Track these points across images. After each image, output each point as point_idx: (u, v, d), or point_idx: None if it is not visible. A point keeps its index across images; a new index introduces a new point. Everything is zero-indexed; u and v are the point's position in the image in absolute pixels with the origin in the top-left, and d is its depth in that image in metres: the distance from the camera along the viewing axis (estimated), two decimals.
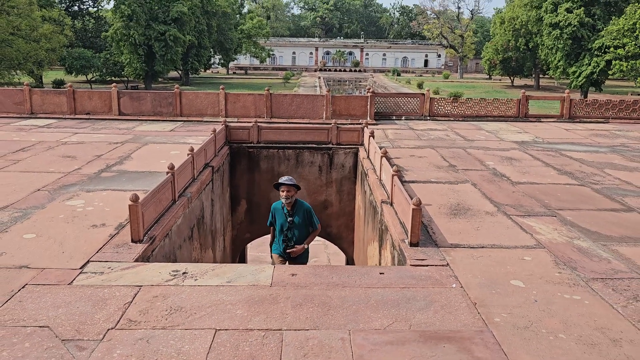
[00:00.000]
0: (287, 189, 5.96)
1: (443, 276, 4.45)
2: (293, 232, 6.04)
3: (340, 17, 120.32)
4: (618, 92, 60.77)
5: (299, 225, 6.06)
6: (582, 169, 8.50)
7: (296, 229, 6.05)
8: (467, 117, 13.67)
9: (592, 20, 51.13)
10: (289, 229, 6.03)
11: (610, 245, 5.19)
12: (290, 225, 6.02)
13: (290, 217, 6.02)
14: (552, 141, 11.05)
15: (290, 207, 6.05)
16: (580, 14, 50.47)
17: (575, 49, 52.50)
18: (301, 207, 6.13)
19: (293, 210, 6.06)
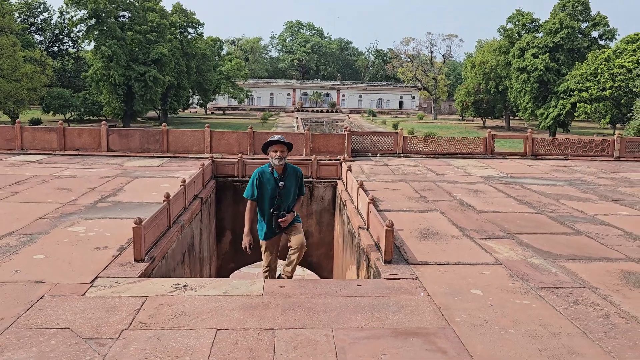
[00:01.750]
0: (281, 149, 5.34)
1: (413, 287, 5.09)
2: (282, 200, 5.46)
3: (317, 59, 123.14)
4: (585, 132, 63.41)
5: (289, 191, 5.50)
6: (540, 199, 9.34)
7: (287, 195, 5.49)
8: (438, 154, 14.61)
9: (557, 65, 53.93)
10: (279, 196, 5.43)
11: (559, 261, 5.92)
12: (280, 191, 5.42)
13: (281, 181, 5.41)
14: (515, 176, 11.98)
15: (281, 170, 5.45)
16: (545, 59, 53.22)
17: (542, 92, 55.07)
18: (293, 170, 5.57)
19: (284, 174, 5.47)
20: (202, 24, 62.75)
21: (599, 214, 8.31)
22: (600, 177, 12.04)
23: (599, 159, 15.02)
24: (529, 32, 58.45)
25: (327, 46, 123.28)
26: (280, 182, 5.43)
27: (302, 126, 61.73)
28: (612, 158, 15.11)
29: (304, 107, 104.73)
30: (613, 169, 13.55)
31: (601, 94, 46.11)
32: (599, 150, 15.15)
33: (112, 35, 43.52)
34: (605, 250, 6.40)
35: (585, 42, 53.58)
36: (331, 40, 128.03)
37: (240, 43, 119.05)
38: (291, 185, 5.52)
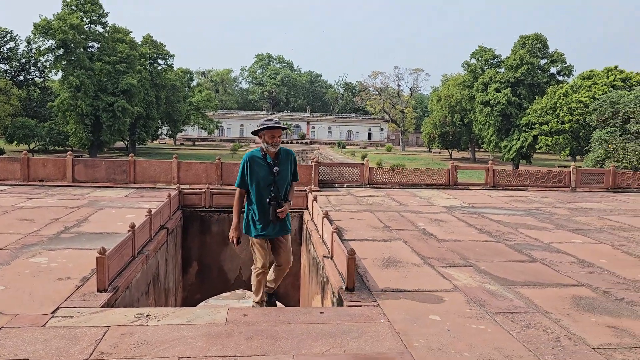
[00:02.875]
0: (279, 134, 4.94)
1: (374, 314, 5.22)
2: (278, 187, 5.02)
3: (287, 91, 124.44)
4: (546, 164, 65.45)
5: (285, 177, 5.09)
6: (499, 228, 9.67)
7: (282, 182, 5.06)
8: (403, 184, 14.96)
9: (519, 99, 55.97)
10: (274, 184, 4.98)
11: (515, 288, 6.16)
12: (275, 178, 4.98)
13: (275, 167, 4.98)
14: (477, 206, 12.36)
15: (273, 155, 5.03)
16: (507, 94, 55.20)
17: (505, 125, 56.91)
18: (285, 153, 5.14)
19: (277, 158, 5.05)
20: (172, 55, 63.09)
21: (554, 242, 8.66)
22: (556, 207, 12.53)
23: (557, 190, 15.61)
24: (491, 67, 60.66)
25: (297, 78, 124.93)
26: (274, 168, 4.96)
27: None
28: (568, 189, 15.73)
29: None
30: (569, 199, 14.10)
31: (560, 127, 47.95)
32: (557, 181, 15.76)
33: (81, 66, 43.29)
34: (559, 276, 6.68)
35: (545, 77, 55.87)
36: (301, 73, 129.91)
37: (211, 75, 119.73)
38: (286, 170, 5.08)
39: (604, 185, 15.93)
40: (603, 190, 15.86)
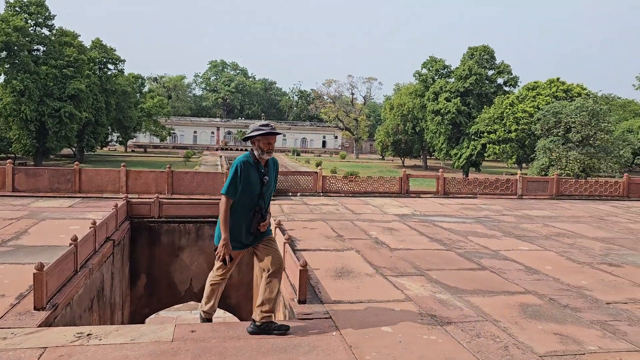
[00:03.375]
0: (274, 141, 4.68)
1: (325, 327, 5.15)
2: (265, 198, 4.73)
3: (242, 98, 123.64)
4: (495, 171, 67.52)
5: (270, 187, 4.84)
6: (450, 236, 9.83)
7: (269, 192, 4.82)
8: (356, 193, 15.03)
9: (468, 108, 57.57)
10: (262, 195, 4.70)
11: (465, 296, 6.23)
12: (263, 188, 4.70)
13: (265, 175, 4.70)
14: (428, 214, 12.54)
15: (264, 162, 4.71)
16: (457, 103, 56.68)
17: (455, 133, 58.39)
18: (273, 162, 4.87)
19: (267, 166, 4.75)
20: (122, 60, 61.57)
21: (502, 249, 8.86)
22: (504, 215, 12.88)
23: (504, 197, 16.07)
24: (441, 77, 62.18)
25: (251, 86, 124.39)
26: (264, 177, 4.68)
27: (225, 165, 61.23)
28: (515, 196, 16.23)
29: (228, 146, 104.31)
30: (516, 206, 14.53)
31: (507, 135, 49.63)
32: (504, 189, 16.24)
33: (25, 69, 41.51)
34: (507, 284, 6.82)
35: (492, 88, 57.75)
36: (255, 80, 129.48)
37: (163, 81, 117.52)
38: (272, 180, 4.82)
39: (549, 193, 16.53)
40: (547, 198, 16.45)
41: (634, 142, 53.72)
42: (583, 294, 6.45)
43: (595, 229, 11.22)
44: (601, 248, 9.23)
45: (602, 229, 11.25)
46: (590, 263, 8.08)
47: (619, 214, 13.98)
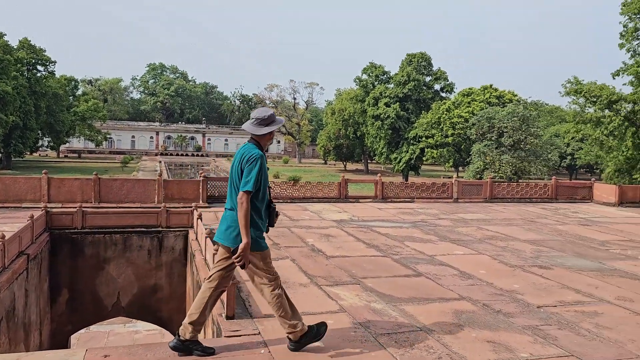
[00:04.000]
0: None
1: (254, 344, 4.85)
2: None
3: (182, 102, 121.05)
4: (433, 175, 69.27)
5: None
6: (387, 242, 9.75)
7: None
8: (295, 198, 14.79)
9: (407, 113, 58.76)
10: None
11: (400, 305, 6.10)
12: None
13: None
14: (366, 219, 12.48)
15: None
16: (396, 108, 57.71)
17: (395, 138, 59.41)
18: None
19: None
20: (53, 61, 58.80)
21: (438, 254, 8.86)
22: (440, 218, 13.01)
23: (441, 201, 16.32)
24: (381, 82, 63.19)
25: (191, 90, 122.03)
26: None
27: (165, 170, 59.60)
28: (451, 200, 16.52)
29: (168, 151, 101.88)
30: (452, 210, 14.76)
31: (444, 140, 50.99)
32: (441, 193, 16.50)
33: None
34: (442, 290, 6.76)
35: (430, 93, 59.23)
36: (196, 84, 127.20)
37: (99, 83, 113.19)
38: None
39: (483, 196, 16.94)
40: (482, 201, 16.85)
41: (561, 146, 56.60)
42: (515, 298, 6.47)
43: (527, 231, 11.50)
44: (532, 250, 9.42)
45: (532, 231, 11.55)
46: (522, 266, 8.19)
47: (548, 215, 14.47)
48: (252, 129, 4.35)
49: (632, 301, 6.50)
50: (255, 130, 4.34)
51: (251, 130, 4.36)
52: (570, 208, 16.47)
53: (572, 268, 8.16)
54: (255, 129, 4.34)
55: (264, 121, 4.34)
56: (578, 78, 35.64)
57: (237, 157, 4.32)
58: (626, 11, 34.71)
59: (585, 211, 15.86)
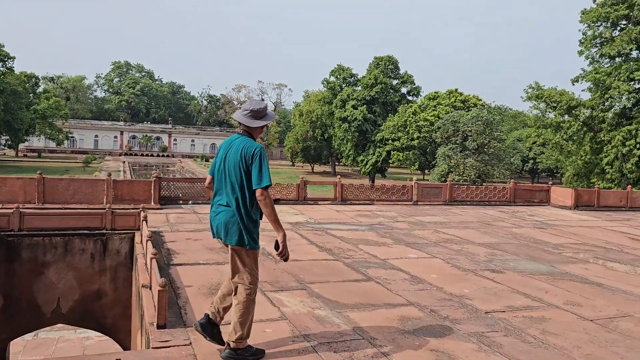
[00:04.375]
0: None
1: (183, 355, 4.52)
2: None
3: (148, 102, 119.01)
4: (400, 177, 69.74)
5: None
6: (341, 245, 9.52)
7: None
8: None
9: (374, 116, 59.02)
10: None
11: (344, 311, 5.85)
12: None
13: None
14: (322, 221, 12.23)
15: None
16: (363, 111, 57.89)
17: (362, 140, 59.58)
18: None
19: None
20: (12, 57, 56.97)
21: (391, 258, 8.67)
22: (398, 221, 12.87)
23: (401, 204, 16.21)
24: (349, 85, 63.31)
25: (157, 89, 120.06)
26: None
27: (128, 171, 58.29)
28: (411, 202, 16.43)
29: (132, 151, 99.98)
30: (411, 212, 14.65)
31: (410, 143, 51.35)
32: (400, 195, 16.40)
33: None
34: (390, 296, 6.54)
35: (397, 96, 59.66)
36: (162, 83, 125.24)
37: (61, 81, 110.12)
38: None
39: (442, 199, 16.92)
40: (441, 204, 16.82)
41: (523, 150, 57.79)
42: (464, 304, 6.31)
43: (482, 235, 11.45)
44: (486, 254, 9.33)
45: (488, 234, 11.51)
46: (475, 270, 8.07)
47: (505, 218, 14.51)
48: (246, 121, 4.22)
49: (580, 306, 6.43)
50: (250, 122, 4.22)
51: (245, 121, 4.22)
52: (527, 211, 16.60)
53: (524, 272, 8.08)
54: (249, 121, 4.22)
55: (258, 114, 4.24)
56: (539, 84, 36.35)
57: (234, 150, 4.15)
58: (585, 19, 35.56)
59: (542, 214, 16.01)
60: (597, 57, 36.08)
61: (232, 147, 4.18)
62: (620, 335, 5.47)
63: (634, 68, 32.59)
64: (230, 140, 4.29)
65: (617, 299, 6.80)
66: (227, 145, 4.25)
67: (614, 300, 6.74)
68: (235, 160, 4.09)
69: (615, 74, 33.57)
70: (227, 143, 4.28)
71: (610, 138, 33.52)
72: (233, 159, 4.11)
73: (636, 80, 32.81)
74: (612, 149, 33.17)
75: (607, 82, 33.39)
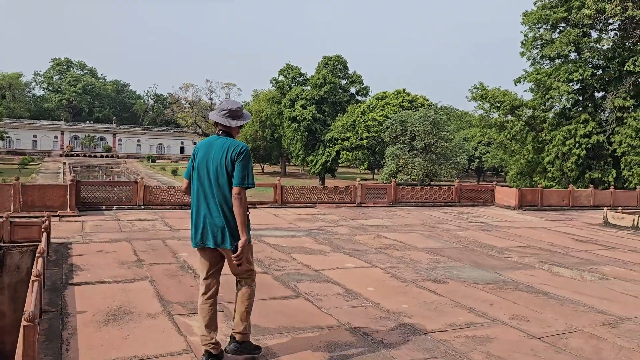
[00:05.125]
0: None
1: None
2: None
3: (90, 101, 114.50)
4: (350, 177, 69.61)
5: None
6: (273, 255, 8.68)
7: None
8: (183, 204, 13.36)
9: (323, 116, 58.50)
10: None
11: (263, 338, 5.03)
12: None
13: None
14: (258, 227, 11.33)
15: None
16: (312, 111, 57.27)
17: (311, 140, 58.94)
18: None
19: None
20: None
21: (326, 268, 7.90)
22: (339, 225, 12.16)
23: (344, 206, 15.55)
24: (298, 84, 62.58)
25: (101, 87, 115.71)
26: None
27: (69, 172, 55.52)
28: (355, 204, 15.79)
29: (74, 152, 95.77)
30: (354, 215, 14.00)
31: (359, 143, 51.11)
32: (344, 197, 15.72)
33: None
34: (319, 315, 5.77)
35: (345, 96, 59.37)
36: (106, 82, 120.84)
37: None
38: None
39: (387, 200, 16.37)
40: (386, 205, 16.28)
41: (469, 150, 58.66)
42: (402, 323, 5.60)
43: (426, 239, 10.88)
44: (429, 261, 8.72)
45: (432, 238, 10.96)
46: (416, 280, 7.41)
47: (450, 220, 14.08)
48: (225, 121, 4.15)
49: (527, 320, 5.85)
50: (230, 122, 4.16)
51: (224, 122, 4.15)
52: (472, 212, 16.29)
53: (468, 281, 7.49)
54: (228, 121, 4.16)
55: (235, 113, 4.20)
56: (483, 84, 36.69)
57: (217, 151, 4.05)
58: (526, 21, 36.18)
59: (487, 215, 15.72)
60: (538, 58, 36.80)
61: (213, 148, 4.08)
62: (571, 355, 4.90)
63: (573, 69, 33.35)
64: (208, 141, 4.18)
65: (565, 311, 6.29)
66: (207, 147, 4.13)
67: (563, 313, 6.22)
68: (222, 160, 4.01)
69: (555, 75, 34.27)
70: (205, 145, 4.17)
71: (551, 137, 34.19)
72: (219, 160, 4.02)
73: (575, 81, 33.60)
74: (553, 148, 33.83)
75: (547, 83, 34.04)
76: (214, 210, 4.08)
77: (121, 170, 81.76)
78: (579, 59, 34.92)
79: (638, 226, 13.85)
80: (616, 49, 33.09)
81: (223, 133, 4.16)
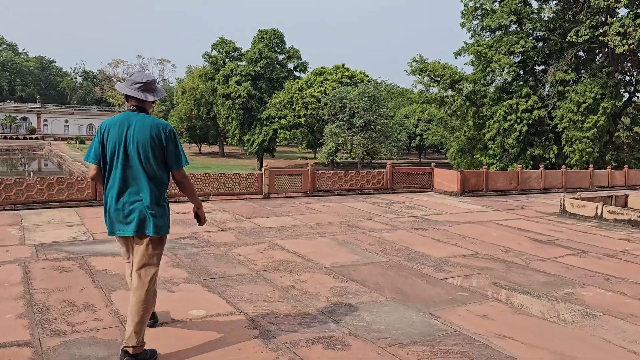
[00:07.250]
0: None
1: None
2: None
3: (11, 78, 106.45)
4: (290, 157, 66.87)
5: None
6: (76, 298, 5.75)
7: None
8: (18, 203, 10.16)
9: (259, 93, 55.21)
10: None
11: None
12: None
13: None
14: (100, 239, 8.23)
15: None
16: (248, 87, 53.86)
17: (247, 118, 55.64)
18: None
19: None
20: None
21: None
22: (225, 229, 9.24)
23: (247, 197, 12.74)
24: (232, 59, 58.98)
25: (22, 63, 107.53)
26: None
27: None
28: (261, 195, 13.01)
29: None
30: (254, 211, 11.19)
31: (297, 121, 48.35)
32: (246, 186, 12.89)
33: None
34: None
35: (283, 72, 56.29)
36: (28, 58, 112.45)
37: None
38: None
39: (303, 189, 13.70)
40: (301, 195, 13.60)
41: (410, 127, 57.02)
42: None
43: (339, 248, 8.16)
44: (331, 292, 5.95)
45: (347, 246, 8.26)
46: (297, 342, 4.61)
47: (377, 215, 11.56)
48: (141, 95, 3.71)
49: None
50: (146, 96, 3.74)
51: (140, 96, 3.70)
52: (406, 201, 13.88)
53: (384, 338, 4.66)
54: (145, 95, 3.72)
55: (150, 86, 3.78)
56: (423, 57, 34.52)
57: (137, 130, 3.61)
58: None
59: (424, 205, 13.34)
60: (479, 29, 34.98)
61: (131, 127, 3.61)
62: None
63: (514, 41, 31.69)
64: (120, 118, 3.68)
65: None
66: (121, 124, 3.63)
67: None
68: (145, 141, 3.60)
69: (496, 47, 32.56)
70: (118, 122, 3.65)
71: (492, 113, 32.62)
72: (140, 140, 3.59)
73: (516, 53, 31.96)
74: (494, 124, 32.29)
75: (488, 55, 32.29)
76: (137, 196, 3.61)
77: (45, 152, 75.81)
78: (520, 31, 33.27)
79: (602, 216, 11.77)
80: (557, 20, 31.58)
81: (137, 109, 3.72)
